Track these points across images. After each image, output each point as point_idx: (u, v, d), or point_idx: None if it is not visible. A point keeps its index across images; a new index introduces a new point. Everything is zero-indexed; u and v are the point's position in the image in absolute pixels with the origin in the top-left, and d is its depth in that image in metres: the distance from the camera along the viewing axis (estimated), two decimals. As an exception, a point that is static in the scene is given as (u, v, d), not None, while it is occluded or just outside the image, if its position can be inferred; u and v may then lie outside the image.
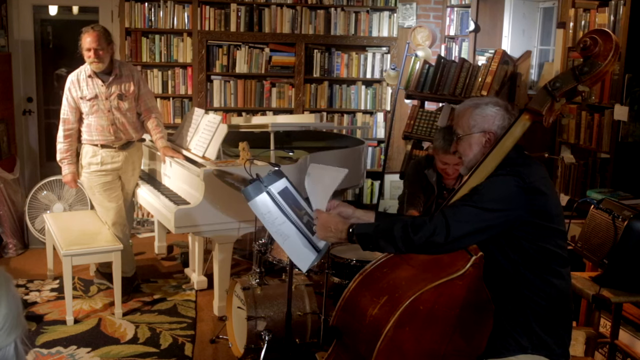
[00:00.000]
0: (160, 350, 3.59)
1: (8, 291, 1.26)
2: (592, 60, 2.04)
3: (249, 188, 2.29)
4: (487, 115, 2.18)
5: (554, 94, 2.08)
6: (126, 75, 4.18)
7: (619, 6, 3.68)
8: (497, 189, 2.03)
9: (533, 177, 2.05)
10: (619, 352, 3.21)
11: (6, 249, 5.08)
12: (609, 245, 2.89)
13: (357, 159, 4.93)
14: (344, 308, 2.17)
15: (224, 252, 3.98)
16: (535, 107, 2.10)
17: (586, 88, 2.07)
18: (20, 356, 1.23)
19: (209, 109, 5.67)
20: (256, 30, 5.90)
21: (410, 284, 2.00)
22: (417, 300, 1.94)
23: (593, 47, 2.03)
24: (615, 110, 3.65)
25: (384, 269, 2.13)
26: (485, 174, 2.10)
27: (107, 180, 4.22)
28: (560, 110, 2.13)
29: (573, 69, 2.08)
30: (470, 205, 2.00)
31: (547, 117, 2.09)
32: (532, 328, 2.11)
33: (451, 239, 1.96)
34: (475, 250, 2.04)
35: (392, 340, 1.94)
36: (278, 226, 2.30)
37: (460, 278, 1.99)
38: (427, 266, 2.08)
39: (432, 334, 2.00)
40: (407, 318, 1.94)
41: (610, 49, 2.01)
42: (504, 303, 2.12)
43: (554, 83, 2.09)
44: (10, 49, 5.55)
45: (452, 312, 2.00)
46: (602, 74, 2.05)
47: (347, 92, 6.21)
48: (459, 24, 5.79)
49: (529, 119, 2.11)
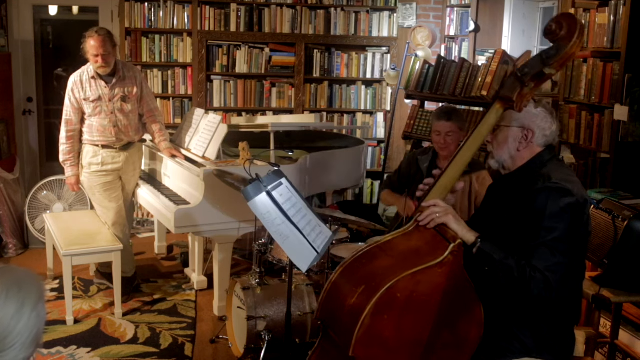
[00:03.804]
0: (160, 350, 3.59)
1: (43, 305, 1.27)
2: (558, 43, 2.07)
3: (248, 188, 2.29)
4: (531, 113, 2.19)
5: (523, 80, 2.11)
6: (129, 77, 4.17)
7: (619, 6, 3.68)
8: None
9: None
10: (619, 352, 3.21)
11: (6, 249, 5.08)
12: (609, 245, 2.89)
13: (357, 159, 4.93)
14: (325, 300, 2.16)
15: (224, 252, 3.98)
16: (507, 94, 2.13)
17: (553, 71, 2.10)
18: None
19: (209, 109, 5.67)
20: (256, 30, 5.90)
21: (387, 273, 1.99)
22: (394, 287, 1.94)
23: (558, 30, 2.07)
24: (615, 110, 3.65)
25: (363, 259, 2.12)
26: (463, 163, 2.15)
27: (107, 181, 4.22)
28: (531, 95, 2.15)
29: (540, 53, 2.12)
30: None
31: (518, 102, 2.12)
32: (541, 329, 2.11)
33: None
34: (454, 238, 2.05)
35: (370, 328, 1.93)
36: (277, 226, 2.31)
37: (440, 266, 1.99)
38: (406, 255, 2.07)
39: (412, 322, 1.99)
40: (384, 306, 1.93)
41: (574, 31, 2.04)
42: (513, 304, 2.11)
43: (522, 68, 2.13)
44: (10, 49, 5.55)
45: (432, 301, 1.99)
46: (568, 56, 2.07)
47: (347, 92, 6.21)
48: (459, 24, 5.79)
49: (501, 106, 2.15)
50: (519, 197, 2.14)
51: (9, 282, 1.25)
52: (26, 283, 1.27)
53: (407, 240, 2.14)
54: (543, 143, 2.20)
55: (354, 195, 6.29)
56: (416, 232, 2.15)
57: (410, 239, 2.13)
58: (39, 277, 1.35)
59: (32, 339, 1.24)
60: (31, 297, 1.26)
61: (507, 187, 2.24)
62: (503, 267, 2.03)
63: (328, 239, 2.58)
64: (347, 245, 3.82)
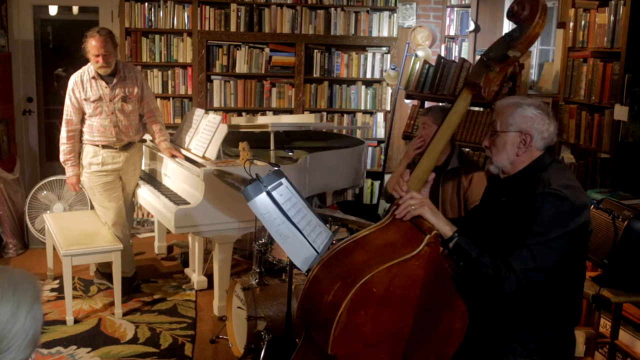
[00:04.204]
0: (160, 350, 3.59)
1: (39, 306, 1.26)
2: (521, 24, 2.07)
3: (248, 188, 2.29)
4: (527, 117, 2.16)
5: (489, 64, 2.11)
6: (130, 77, 4.17)
7: (619, 6, 3.68)
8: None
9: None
10: (619, 352, 3.21)
11: (6, 249, 5.08)
12: (609, 245, 2.89)
13: (357, 159, 4.93)
14: (304, 300, 2.13)
15: (224, 252, 3.98)
16: (473, 79, 2.13)
17: (517, 53, 2.09)
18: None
19: (209, 109, 5.67)
20: (256, 30, 5.90)
21: (363, 268, 1.97)
22: (369, 282, 1.91)
23: (521, 11, 2.06)
24: (615, 110, 3.65)
25: (339, 255, 2.09)
26: (435, 152, 2.15)
27: (107, 181, 4.22)
28: (499, 80, 2.15)
29: (504, 36, 2.12)
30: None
31: (485, 87, 2.11)
32: (542, 331, 2.11)
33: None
34: (429, 229, 2.02)
35: (348, 325, 1.91)
36: (277, 226, 2.31)
37: (416, 258, 1.96)
38: (382, 250, 2.04)
39: (391, 316, 1.95)
40: (360, 302, 1.91)
41: (537, 11, 2.03)
42: (515, 306, 2.10)
43: (487, 53, 2.13)
44: (10, 49, 5.56)
45: (410, 294, 1.96)
46: (532, 37, 2.07)
47: (347, 92, 6.21)
48: (459, 24, 5.79)
49: (469, 93, 2.14)
50: (519, 201, 2.12)
51: (3, 283, 1.24)
52: (21, 284, 1.26)
53: (384, 234, 2.10)
54: (542, 146, 2.17)
55: (354, 195, 6.29)
56: (392, 225, 2.11)
57: (387, 233, 2.10)
58: (34, 278, 1.34)
59: (29, 340, 1.24)
60: (27, 298, 1.25)
61: (507, 190, 2.22)
62: (479, 264, 2.01)
63: (328, 239, 2.58)
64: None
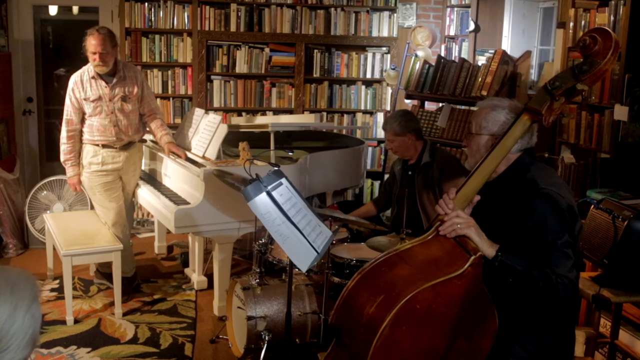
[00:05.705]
0: (160, 350, 3.59)
1: (37, 306, 1.26)
2: (592, 59, 2.03)
3: (248, 188, 2.29)
4: (499, 121, 2.16)
5: (553, 93, 2.08)
6: (130, 77, 4.17)
7: (619, 6, 3.68)
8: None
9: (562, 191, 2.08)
10: (619, 352, 3.20)
11: (6, 249, 5.08)
12: (609, 245, 2.89)
13: (357, 159, 4.93)
14: (342, 307, 2.15)
15: (224, 252, 3.98)
16: (535, 107, 2.09)
17: (585, 87, 2.06)
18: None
19: (209, 109, 5.67)
20: (256, 30, 5.90)
21: (407, 283, 1.98)
22: (414, 299, 1.93)
23: (592, 45, 2.02)
24: (615, 110, 3.65)
25: (382, 267, 2.10)
26: (485, 174, 2.11)
27: (107, 181, 4.22)
28: (560, 110, 2.13)
29: (572, 67, 2.07)
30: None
31: (546, 116, 2.08)
32: (543, 334, 2.11)
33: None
34: (474, 250, 2.03)
35: (389, 339, 1.93)
36: (277, 226, 2.31)
37: (459, 278, 1.97)
38: (426, 265, 2.06)
39: (429, 333, 1.98)
40: (403, 317, 1.93)
41: (610, 47, 2.00)
42: (514, 308, 2.11)
43: (553, 82, 2.08)
44: (10, 49, 5.56)
45: (450, 312, 1.98)
46: (602, 72, 2.04)
47: (347, 92, 6.21)
48: (459, 24, 5.79)
49: (528, 119, 2.10)
50: (509, 204, 2.13)
51: (1, 284, 1.24)
52: (19, 284, 1.26)
53: (426, 248, 2.11)
54: (516, 150, 2.16)
55: (354, 195, 6.29)
56: (435, 241, 2.11)
57: (430, 248, 2.10)
58: (32, 277, 1.33)
59: (28, 340, 1.23)
60: (24, 298, 1.25)
61: (493, 193, 2.20)
62: (528, 277, 2.02)
63: (328, 239, 2.58)
64: (347, 245, 3.82)
